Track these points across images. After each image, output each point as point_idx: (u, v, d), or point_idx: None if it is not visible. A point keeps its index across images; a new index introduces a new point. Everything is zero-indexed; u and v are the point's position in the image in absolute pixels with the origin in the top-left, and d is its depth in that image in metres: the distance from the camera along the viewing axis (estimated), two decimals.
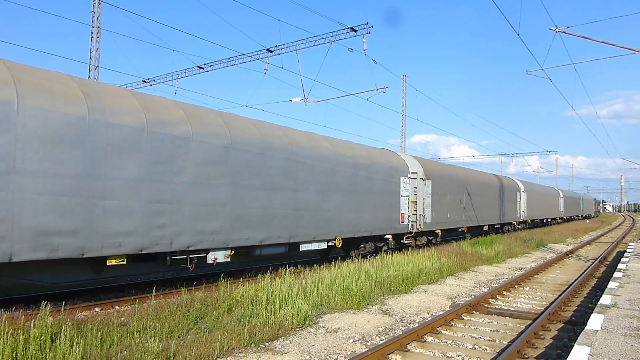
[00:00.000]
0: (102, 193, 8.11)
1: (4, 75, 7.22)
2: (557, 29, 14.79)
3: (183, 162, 9.43)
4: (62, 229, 7.56)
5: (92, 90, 8.45)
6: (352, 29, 19.09)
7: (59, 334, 5.90)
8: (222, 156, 10.29)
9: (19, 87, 7.25)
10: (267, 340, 6.87)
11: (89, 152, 7.95)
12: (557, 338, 7.67)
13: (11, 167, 7.06)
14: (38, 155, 7.34)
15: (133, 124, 8.60)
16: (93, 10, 21.99)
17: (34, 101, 7.34)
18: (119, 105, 8.58)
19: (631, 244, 22.34)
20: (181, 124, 9.52)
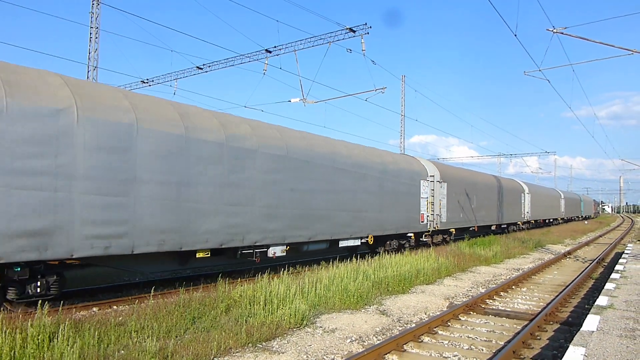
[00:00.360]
0: (195, 198, 9.81)
1: (125, 103, 8.92)
2: (554, 29, 14.82)
3: (252, 171, 11.19)
4: (168, 228, 9.23)
5: (185, 112, 10.23)
6: (350, 30, 19.12)
7: (57, 333, 5.92)
8: (280, 165, 12.01)
9: (137, 112, 8.93)
10: (264, 340, 6.89)
11: (185, 164, 9.64)
12: (553, 339, 7.70)
13: (132, 177, 8.69)
14: (151, 167, 9.00)
15: (216, 140, 10.37)
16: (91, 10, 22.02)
17: (147, 123, 9.03)
18: (205, 125, 10.34)
19: (629, 245, 22.39)
20: (249, 138, 11.29)
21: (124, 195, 8.55)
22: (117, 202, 8.46)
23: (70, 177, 7.85)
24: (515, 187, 34.61)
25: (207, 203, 10.05)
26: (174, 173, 9.39)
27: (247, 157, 11.07)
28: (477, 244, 20.45)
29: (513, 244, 23.04)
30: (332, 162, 13.93)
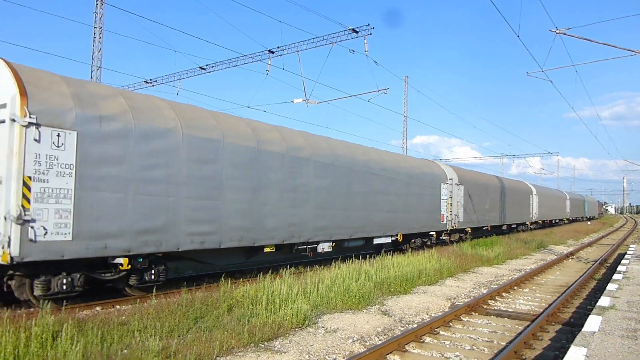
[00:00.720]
0: (264, 201, 11.57)
1: (212, 121, 10.76)
2: (557, 30, 14.82)
3: (306, 177, 12.88)
4: (245, 226, 11.02)
5: (255, 127, 11.99)
6: (353, 30, 19.14)
7: (60, 332, 5.96)
8: (328, 171, 13.81)
9: (222, 130, 10.73)
10: (266, 340, 6.91)
11: (257, 172, 11.41)
12: (555, 339, 7.70)
13: (220, 184, 10.43)
14: (233, 175, 10.75)
15: (279, 151, 12.10)
16: (95, 11, 22.12)
17: (230, 139, 10.82)
18: (270, 138, 12.10)
19: (632, 246, 22.32)
20: (304, 149, 13.06)
21: (214, 199, 10.35)
22: (209, 205, 10.24)
23: (177, 184, 9.57)
24: (524, 188, 36.36)
25: (273, 205, 11.85)
26: (249, 180, 11.22)
27: (302, 165, 12.88)
28: (479, 244, 20.44)
29: (515, 244, 23.02)
30: (368, 168, 15.78)
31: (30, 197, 7.46)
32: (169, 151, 9.45)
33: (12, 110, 7.40)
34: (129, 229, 8.71)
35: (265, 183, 11.62)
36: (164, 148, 9.36)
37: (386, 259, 13.92)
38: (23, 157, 7.39)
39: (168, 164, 9.39)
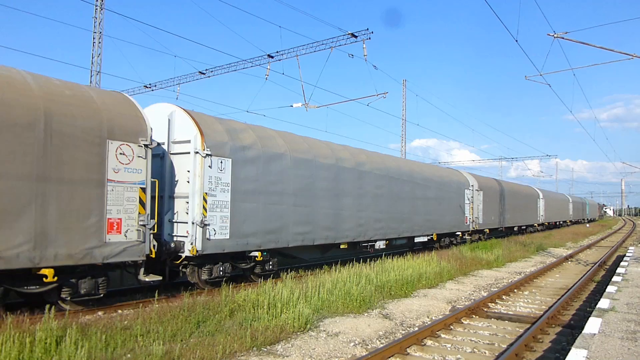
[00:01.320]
0: (342, 206, 14.36)
1: (306, 145, 13.58)
2: (555, 34, 14.92)
3: (368, 186, 15.76)
4: (330, 227, 13.81)
5: (333, 148, 15.01)
6: (352, 35, 19.22)
7: (64, 337, 5.99)
8: (382, 181, 16.64)
9: (314, 151, 13.67)
10: (268, 344, 6.95)
11: (337, 183, 14.24)
12: (556, 342, 7.75)
13: (313, 194, 13.25)
14: (322, 187, 13.62)
15: (350, 166, 15.02)
16: (95, 16, 22.18)
17: (319, 159, 13.69)
18: (344, 156, 15.03)
19: (631, 248, 22.39)
20: (367, 163, 16.04)
21: (310, 206, 13.10)
22: (307, 211, 12.96)
23: (288, 195, 12.33)
24: (532, 193, 39.65)
25: (347, 210, 14.63)
26: (332, 190, 13.99)
27: (365, 177, 15.65)
28: (478, 247, 20.49)
29: (515, 247, 23.06)
30: (410, 178, 18.74)
31: (207, 208, 10.17)
32: (282, 170, 12.25)
33: (195, 146, 10.15)
34: (260, 230, 11.52)
35: (342, 192, 14.48)
36: (279, 168, 12.16)
37: (387, 262, 13.96)
38: (202, 179, 10.11)
39: (282, 180, 12.21)
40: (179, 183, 10.44)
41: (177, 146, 10.54)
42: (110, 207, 8.46)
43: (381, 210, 16.40)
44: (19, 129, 7.28)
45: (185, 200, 10.19)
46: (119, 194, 8.60)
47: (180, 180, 10.40)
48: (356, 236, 15.03)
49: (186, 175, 10.24)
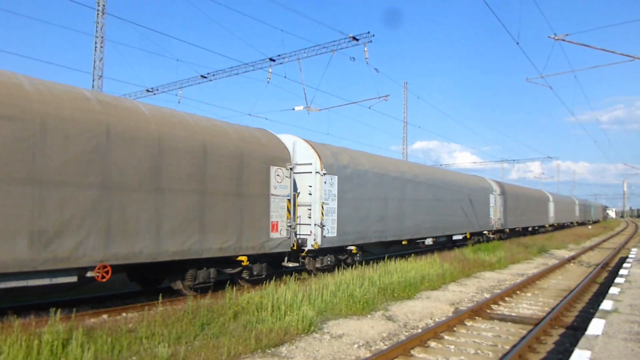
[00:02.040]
0: (405, 209, 17.81)
1: (381, 161, 17.23)
2: (556, 37, 14.97)
3: (421, 193, 19.11)
4: (397, 227, 17.13)
5: (397, 163, 18.54)
6: (353, 38, 19.29)
7: (70, 339, 6.03)
8: (430, 189, 20.03)
9: (386, 166, 17.05)
10: (273, 346, 6.98)
11: (401, 192, 17.63)
12: (559, 343, 7.77)
13: (385, 200, 16.53)
14: (391, 195, 16.85)
15: (410, 177, 18.54)
16: (96, 20, 22.27)
17: (390, 173, 17.13)
18: (405, 169, 18.55)
19: (634, 250, 22.36)
20: (420, 175, 19.53)
21: (384, 210, 16.33)
22: (381, 213, 16.15)
23: (369, 202, 15.55)
24: (543, 196, 43.57)
25: (408, 213, 17.95)
26: (398, 196, 17.39)
27: (419, 185, 19.05)
28: (481, 249, 20.50)
29: (517, 249, 23.06)
30: (450, 185, 22.21)
31: (324, 213, 13.39)
32: (366, 183, 15.47)
33: (315, 167, 13.43)
34: (353, 229, 14.66)
35: (404, 199, 17.77)
36: (364, 181, 15.40)
37: (390, 264, 13.99)
38: (320, 192, 13.37)
39: (366, 190, 15.46)
40: (301, 194, 13.54)
41: (299, 167, 13.56)
42: (272, 213, 11.86)
43: (430, 213, 19.81)
44: (233, 162, 10.82)
45: (307, 207, 13.35)
46: (276, 204, 12.00)
47: (303, 193, 13.52)
48: (414, 234, 18.47)
49: (307, 188, 13.45)
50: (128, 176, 8.65)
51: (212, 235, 10.15)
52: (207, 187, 10.12)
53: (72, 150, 7.85)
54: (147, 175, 8.97)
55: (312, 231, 13.11)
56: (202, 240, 9.94)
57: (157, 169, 9.12)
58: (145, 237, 8.85)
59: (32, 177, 7.36)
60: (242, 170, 10.95)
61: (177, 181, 9.50)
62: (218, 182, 10.34)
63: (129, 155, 8.67)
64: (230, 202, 10.62)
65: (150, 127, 9.15)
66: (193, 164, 9.81)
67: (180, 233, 9.51)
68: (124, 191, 8.58)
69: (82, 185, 7.97)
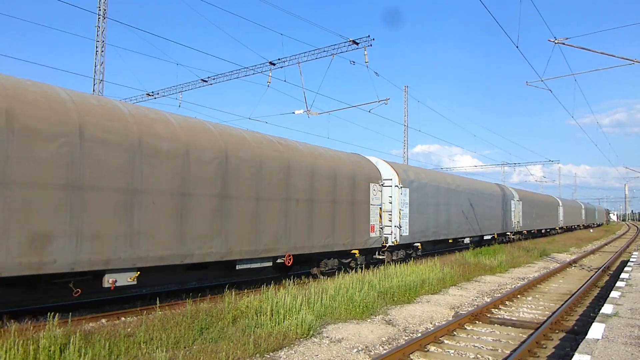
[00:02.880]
0: (451, 213, 21.57)
1: (444, 177, 22.40)
2: (556, 40, 14.97)
3: (462, 201, 23.09)
4: (449, 228, 21.36)
5: (445, 176, 23.00)
6: (353, 42, 19.32)
7: (68, 344, 6.00)
8: (469, 197, 24.12)
9: (439, 180, 21.00)
10: (271, 350, 6.95)
11: (448, 199, 21.32)
12: (559, 347, 7.72)
13: (438, 207, 20.43)
14: (442, 202, 20.61)
15: (454, 188, 22.32)
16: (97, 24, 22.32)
17: (441, 184, 21.26)
18: (451, 182, 22.47)
19: (635, 254, 22.30)
20: (461, 185, 23.54)
21: (437, 214, 20.18)
22: (436, 216, 19.98)
23: (428, 207, 19.25)
24: (554, 202, 48.39)
25: (453, 216, 21.91)
26: (449, 203, 21.48)
27: (460, 194, 23.02)
28: (482, 253, 20.44)
29: (518, 252, 23.00)
30: (481, 193, 26.58)
31: (400, 217, 16.99)
32: (425, 193, 19.20)
33: (395, 182, 17.07)
34: (419, 229, 18.33)
35: (450, 205, 21.64)
36: (425, 192, 19.17)
37: (389, 268, 13.95)
38: (398, 201, 16.98)
39: (426, 199, 19.16)
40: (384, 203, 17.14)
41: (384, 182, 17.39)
42: (371, 218, 15.81)
43: (467, 216, 23.90)
44: (349, 181, 14.86)
45: (388, 213, 16.89)
46: (373, 211, 15.96)
47: (385, 202, 16.93)
48: (457, 234, 22.32)
49: (388, 198, 16.96)
50: (299, 193, 12.71)
51: (338, 234, 14.26)
52: (336, 198, 14.21)
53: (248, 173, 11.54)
54: (307, 192, 13.07)
55: (392, 231, 16.87)
56: (333, 238, 14.00)
57: (311, 188, 13.18)
58: (301, 236, 12.73)
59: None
60: (354, 187, 15.08)
61: (321, 194, 13.58)
62: (342, 195, 14.47)
63: (299, 180, 12.76)
64: (348, 210, 14.69)
65: (306, 160, 13.20)
66: (328, 184, 13.94)
67: (324, 233, 13.63)
68: (294, 202, 12.61)
69: (277, 199, 12.07)
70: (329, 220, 13.78)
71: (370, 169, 16.44)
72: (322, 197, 13.53)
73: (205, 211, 9.98)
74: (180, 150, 9.59)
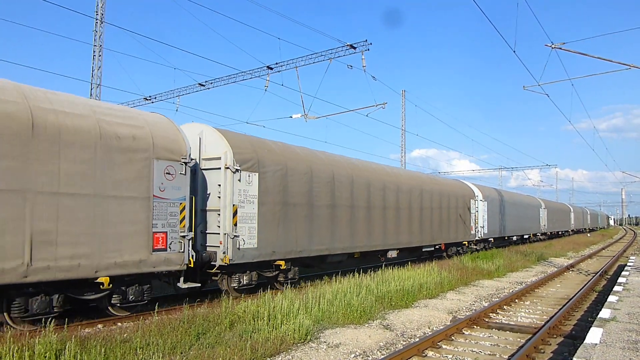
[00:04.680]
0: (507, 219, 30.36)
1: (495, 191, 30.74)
2: (553, 45, 15.01)
3: (510, 210, 30.76)
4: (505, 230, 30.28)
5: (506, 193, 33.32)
6: (351, 46, 19.34)
7: (63, 350, 5.96)
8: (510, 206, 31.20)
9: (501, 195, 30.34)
10: (269, 356, 6.92)
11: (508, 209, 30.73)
12: (557, 352, 7.71)
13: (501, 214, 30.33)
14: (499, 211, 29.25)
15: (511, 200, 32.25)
16: (95, 29, 22.32)
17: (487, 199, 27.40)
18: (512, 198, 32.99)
19: (632, 258, 22.32)
20: (506, 195, 32.31)
21: (503, 218, 28.66)
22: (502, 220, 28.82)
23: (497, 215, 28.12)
24: (566, 208, 58.36)
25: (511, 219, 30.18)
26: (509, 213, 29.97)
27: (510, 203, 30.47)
28: (479, 257, 20.43)
29: (516, 257, 22.99)
30: (517, 201, 33.57)
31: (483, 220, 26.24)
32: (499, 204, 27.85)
33: (480, 198, 26.43)
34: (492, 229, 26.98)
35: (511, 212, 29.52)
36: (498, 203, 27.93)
37: (387, 272, 13.92)
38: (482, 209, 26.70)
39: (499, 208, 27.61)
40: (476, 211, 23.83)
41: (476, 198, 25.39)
42: (471, 220, 24.26)
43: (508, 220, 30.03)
44: (461, 202, 23.69)
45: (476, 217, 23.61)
46: (471, 216, 24.38)
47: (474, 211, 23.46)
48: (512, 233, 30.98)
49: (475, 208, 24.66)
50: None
51: (453, 233, 21.84)
52: (450, 209, 22.24)
53: None
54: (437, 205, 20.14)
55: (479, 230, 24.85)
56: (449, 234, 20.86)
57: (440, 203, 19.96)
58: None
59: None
60: (457, 201, 22.70)
61: (440, 208, 20.70)
62: (452, 207, 21.80)
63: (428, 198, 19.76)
64: (456, 215, 22.29)
65: (433, 187, 20.24)
66: (443, 200, 21.44)
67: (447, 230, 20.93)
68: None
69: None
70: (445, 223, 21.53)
71: (469, 190, 24.94)
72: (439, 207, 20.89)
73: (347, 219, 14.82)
74: (329, 176, 14.11)
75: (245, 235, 10.98)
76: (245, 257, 10.98)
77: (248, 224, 11.08)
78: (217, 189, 10.88)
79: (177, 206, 9.62)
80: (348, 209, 14.73)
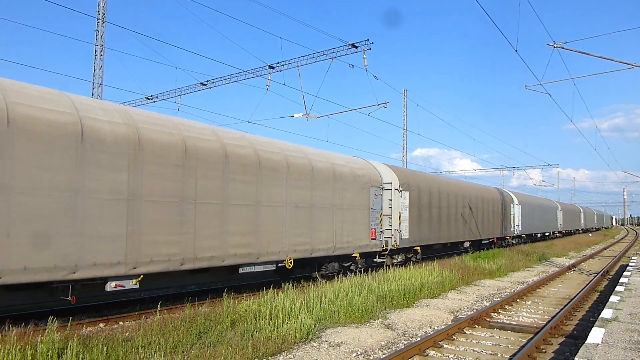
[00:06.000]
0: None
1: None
2: (555, 44, 15.00)
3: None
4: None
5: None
6: (352, 45, 19.32)
7: (66, 349, 5.98)
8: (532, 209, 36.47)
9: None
10: (270, 355, 6.93)
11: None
12: (559, 352, 7.71)
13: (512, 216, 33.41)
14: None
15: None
16: (97, 29, 22.34)
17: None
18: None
19: (634, 258, 22.29)
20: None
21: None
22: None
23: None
24: (577, 209, 63.53)
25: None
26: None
27: (535, 206, 37.11)
28: (481, 257, 20.42)
29: (517, 257, 22.97)
30: (540, 204, 38.52)
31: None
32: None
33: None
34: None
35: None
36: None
37: (388, 272, 13.92)
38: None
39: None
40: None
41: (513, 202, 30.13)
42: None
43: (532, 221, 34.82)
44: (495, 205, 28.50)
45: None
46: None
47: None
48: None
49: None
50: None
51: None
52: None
53: None
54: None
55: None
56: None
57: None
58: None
59: None
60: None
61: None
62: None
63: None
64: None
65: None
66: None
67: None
68: None
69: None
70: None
71: (510, 197, 27.59)
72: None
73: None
74: (436, 191, 20.55)
75: (404, 230, 16.83)
76: (403, 243, 16.89)
77: (405, 223, 16.96)
78: (389, 203, 16.66)
79: (378, 213, 16.22)
80: (445, 213, 20.80)
